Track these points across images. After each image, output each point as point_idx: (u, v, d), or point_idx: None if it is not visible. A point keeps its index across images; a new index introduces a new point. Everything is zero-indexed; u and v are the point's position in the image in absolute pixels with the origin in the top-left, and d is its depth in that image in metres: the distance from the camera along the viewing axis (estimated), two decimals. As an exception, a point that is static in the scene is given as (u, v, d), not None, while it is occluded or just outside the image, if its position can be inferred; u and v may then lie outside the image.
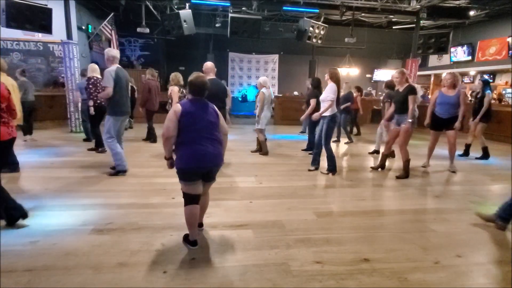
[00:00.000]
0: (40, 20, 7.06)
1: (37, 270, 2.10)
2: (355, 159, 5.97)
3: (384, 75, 16.15)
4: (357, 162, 5.70)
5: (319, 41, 9.60)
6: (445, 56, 12.26)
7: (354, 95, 7.65)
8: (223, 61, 14.76)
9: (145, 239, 2.54)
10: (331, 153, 4.66)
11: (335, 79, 4.52)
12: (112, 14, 10.49)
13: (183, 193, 2.40)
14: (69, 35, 7.71)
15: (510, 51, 10.82)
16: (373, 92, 13.63)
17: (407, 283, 2.09)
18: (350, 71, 14.85)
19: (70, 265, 2.16)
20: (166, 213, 3.08)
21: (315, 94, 5.63)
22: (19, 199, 2.98)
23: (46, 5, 7.17)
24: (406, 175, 4.58)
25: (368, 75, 16.21)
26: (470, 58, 12.57)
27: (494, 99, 5.77)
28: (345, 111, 7.15)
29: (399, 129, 4.61)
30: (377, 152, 6.06)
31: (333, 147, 4.88)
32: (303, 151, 6.23)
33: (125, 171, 4.30)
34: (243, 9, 9.80)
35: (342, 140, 7.47)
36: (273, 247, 2.50)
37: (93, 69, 5.66)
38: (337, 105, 4.59)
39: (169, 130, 2.28)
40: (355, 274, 2.17)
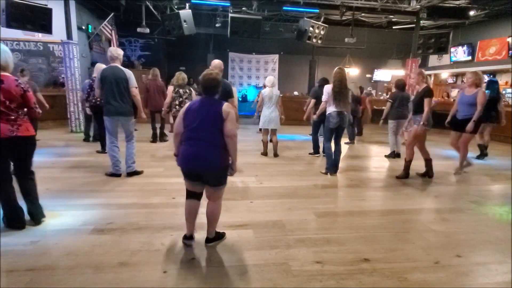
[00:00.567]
0: (40, 20, 7.06)
1: (38, 270, 2.10)
2: (355, 159, 5.97)
3: (384, 75, 16.17)
4: (357, 162, 5.70)
5: (319, 41, 9.60)
6: (445, 56, 12.25)
7: (362, 95, 7.61)
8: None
9: (146, 239, 2.55)
10: (328, 151, 4.64)
11: (334, 79, 4.46)
12: (112, 14, 10.49)
13: (186, 187, 2.46)
14: (69, 35, 7.72)
15: (510, 51, 10.82)
16: (373, 92, 13.65)
17: (407, 283, 2.09)
18: (350, 71, 14.84)
19: (71, 264, 2.17)
20: (166, 213, 3.09)
21: (316, 93, 5.59)
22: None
23: (46, 5, 7.17)
24: (406, 175, 4.55)
25: (368, 75, 16.21)
26: (470, 58, 12.57)
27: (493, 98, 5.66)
28: (352, 112, 6.93)
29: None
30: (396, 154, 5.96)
31: (345, 147, 4.75)
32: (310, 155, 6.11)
33: (117, 175, 4.19)
34: (243, 9, 9.80)
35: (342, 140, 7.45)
36: (273, 247, 2.50)
37: (97, 69, 5.64)
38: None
39: (176, 126, 2.36)
40: (355, 274, 2.17)
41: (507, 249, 2.57)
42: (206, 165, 2.24)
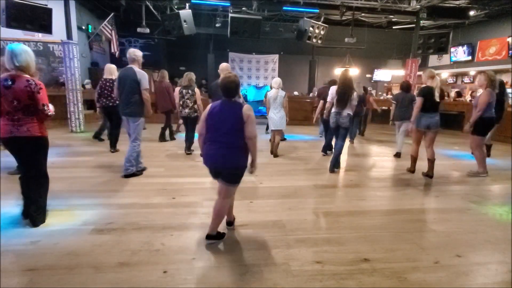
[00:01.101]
0: (40, 20, 7.05)
1: (39, 269, 2.11)
2: (355, 159, 5.97)
3: (384, 75, 16.17)
4: (358, 161, 5.70)
5: (319, 41, 9.60)
6: (445, 56, 12.26)
7: (366, 95, 7.64)
8: (223, 61, 14.70)
9: (146, 239, 2.55)
10: (329, 137, 5.31)
11: (339, 80, 4.79)
12: (112, 14, 10.49)
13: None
14: (69, 35, 7.71)
15: (510, 51, 10.83)
16: (373, 92, 13.64)
17: (407, 283, 2.09)
18: (350, 71, 14.85)
19: (71, 264, 2.17)
20: (166, 213, 3.09)
21: (325, 94, 5.77)
22: (21, 198, 2.99)
23: (46, 5, 7.17)
24: (412, 170, 4.80)
25: (368, 75, 16.21)
26: (470, 58, 12.58)
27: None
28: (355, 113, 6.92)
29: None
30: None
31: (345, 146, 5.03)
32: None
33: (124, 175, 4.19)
34: (243, 9, 9.81)
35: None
36: (273, 247, 2.50)
37: (107, 70, 5.67)
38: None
39: (199, 128, 2.49)
40: (355, 274, 2.17)
41: (507, 249, 2.58)
42: (224, 164, 2.39)
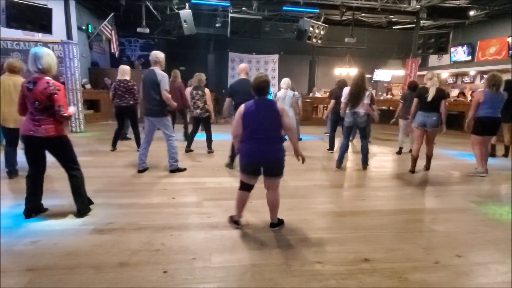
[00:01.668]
0: (40, 20, 7.05)
1: (39, 269, 2.11)
2: (355, 158, 5.97)
3: (384, 75, 16.17)
4: (358, 161, 5.70)
5: (319, 41, 9.60)
6: (445, 56, 12.26)
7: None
8: (223, 61, 14.75)
9: (146, 239, 2.55)
10: (342, 148, 5.09)
11: (352, 81, 4.96)
12: (112, 14, 10.49)
13: (240, 180, 2.71)
14: (69, 35, 7.72)
15: (510, 51, 10.83)
16: (373, 92, 13.64)
17: (407, 283, 2.09)
18: (350, 71, 14.84)
19: (71, 264, 2.17)
20: (166, 213, 3.09)
21: (335, 94, 6.04)
22: (20, 199, 3.00)
23: (46, 5, 7.17)
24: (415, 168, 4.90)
25: (368, 75, 16.19)
26: (470, 58, 12.58)
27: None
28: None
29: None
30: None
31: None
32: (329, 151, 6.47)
33: (138, 171, 4.48)
34: (243, 9, 9.80)
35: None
36: (273, 247, 2.50)
37: (120, 72, 5.69)
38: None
39: (235, 129, 2.57)
40: (356, 274, 2.17)
41: (507, 249, 2.58)
42: (269, 158, 2.56)
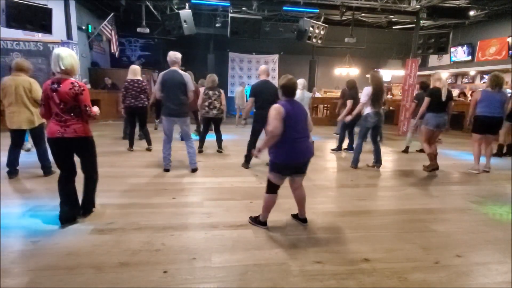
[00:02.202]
0: (40, 20, 7.05)
1: (39, 270, 2.11)
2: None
3: (384, 75, 16.16)
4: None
5: (319, 41, 9.59)
6: (445, 56, 12.25)
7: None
8: (223, 61, 14.74)
9: (146, 239, 2.55)
10: (358, 148, 5.04)
11: (373, 82, 4.87)
12: (112, 14, 10.48)
13: (269, 183, 2.69)
14: (69, 35, 7.73)
15: (510, 51, 10.82)
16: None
17: (407, 283, 2.09)
18: (350, 71, 14.85)
19: (71, 264, 2.17)
20: (167, 213, 3.09)
21: (351, 95, 5.99)
22: (21, 198, 3.00)
23: (46, 5, 7.17)
24: (432, 166, 4.88)
25: (368, 75, 16.18)
26: (470, 58, 12.57)
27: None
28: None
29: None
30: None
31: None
32: (333, 151, 6.53)
33: (166, 170, 4.54)
34: (243, 9, 9.79)
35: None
36: (273, 247, 2.51)
37: (132, 72, 5.69)
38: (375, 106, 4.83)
39: (278, 129, 2.48)
40: (356, 274, 2.17)
41: (507, 249, 2.58)
42: (308, 156, 2.68)
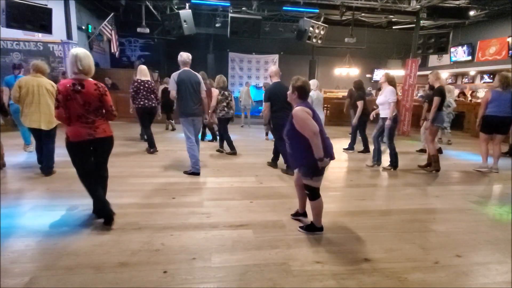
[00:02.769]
0: (40, 20, 7.05)
1: (38, 269, 2.10)
2: (356, 159, 5.97)
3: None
4: (358, 162, 5.70)
5: (319, 41, 9.59)
6: (445, 56, 12.26)
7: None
8: (223, 61, 14.75)
9: (146, 239, 2.55)
10: (394, 151, 4.98)
11: (393, 82, 4.88)
12: (112, 14, 10.48)
13: (312, 189, 2.62)
14: (69, 35, 7.73)
15: (510, 51, 10.83)
16: (373, 92, 13.64)
17: (407, 283, 2.09)
18: (350, 71, 14.85)
19: (71, 264, 2.17)
20: (166, 213, 3.09)
21: (360, 96, 6.01)
22: (21, 198, 3.00)
23: (46, 5, 7.17)
24: (435, 167, 4.93)
25: (368, 75, 16.21)
26: (470, 58, 12.58)
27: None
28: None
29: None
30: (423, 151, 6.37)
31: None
32: (346, 150, 6.59)
33: (196, 174, 4.38)
34: (243, 9, 9.79)
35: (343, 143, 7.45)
36: (273, 247, 2.50)
37: (141, 72, 5.66)
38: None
39: (316, 127, 2.46)
40: (356, 274, 2.17)
41: (507, 249, 2.58)
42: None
